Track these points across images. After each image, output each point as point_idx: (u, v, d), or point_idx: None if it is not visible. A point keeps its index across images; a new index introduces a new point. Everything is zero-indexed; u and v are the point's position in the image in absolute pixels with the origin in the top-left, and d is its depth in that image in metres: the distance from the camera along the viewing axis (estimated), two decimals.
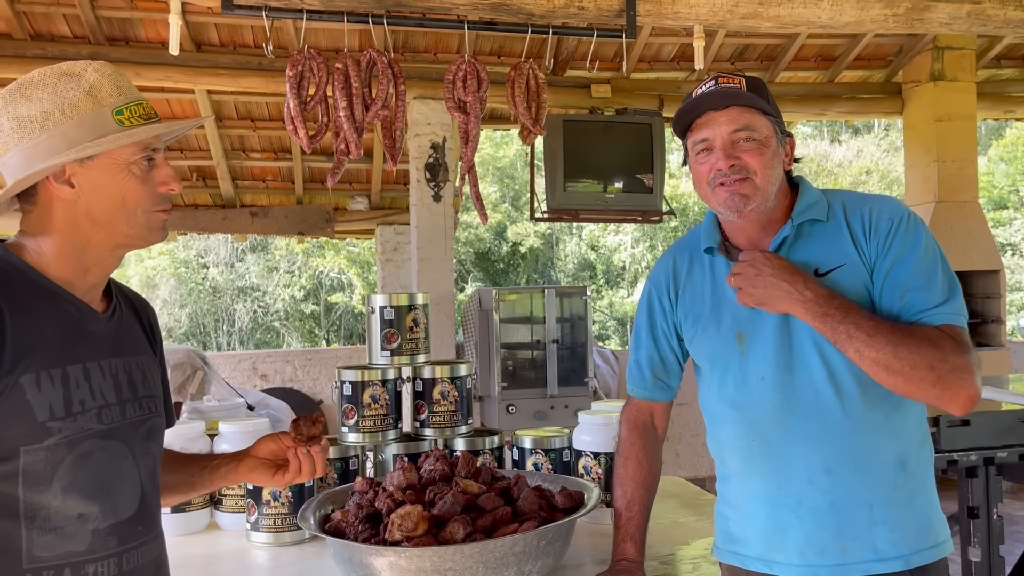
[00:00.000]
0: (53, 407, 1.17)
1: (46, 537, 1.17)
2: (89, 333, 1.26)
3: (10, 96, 1.23)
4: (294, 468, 1.53)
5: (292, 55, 3.27)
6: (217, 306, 19.16)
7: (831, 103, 6.39)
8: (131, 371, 1.33)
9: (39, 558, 1.16)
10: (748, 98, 1.61)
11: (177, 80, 5.51)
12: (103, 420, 1.24)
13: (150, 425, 1.35)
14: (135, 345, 1.38)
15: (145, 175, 1.26)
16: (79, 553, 1.20)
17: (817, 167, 19.36)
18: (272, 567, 2.13)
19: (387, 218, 7.25)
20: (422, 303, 2.52)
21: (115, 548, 1.24)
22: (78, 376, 1.21)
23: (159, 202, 1.29)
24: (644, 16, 3.52)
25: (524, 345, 5.50)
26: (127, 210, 1.25)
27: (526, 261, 19.33)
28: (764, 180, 1.60)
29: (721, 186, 1.61)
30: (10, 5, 5.09)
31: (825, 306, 1.52)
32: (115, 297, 1.36)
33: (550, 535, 1.78)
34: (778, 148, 1.64)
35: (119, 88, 1.26)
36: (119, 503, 1.26)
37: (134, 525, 1.28)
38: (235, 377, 6.82)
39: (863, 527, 1.58)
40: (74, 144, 1.20)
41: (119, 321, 1.35)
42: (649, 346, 1.84)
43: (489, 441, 2.51)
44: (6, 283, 1.19)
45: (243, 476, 1.55)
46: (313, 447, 1.53)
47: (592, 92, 5.83)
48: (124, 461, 1.27)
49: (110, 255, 1.30)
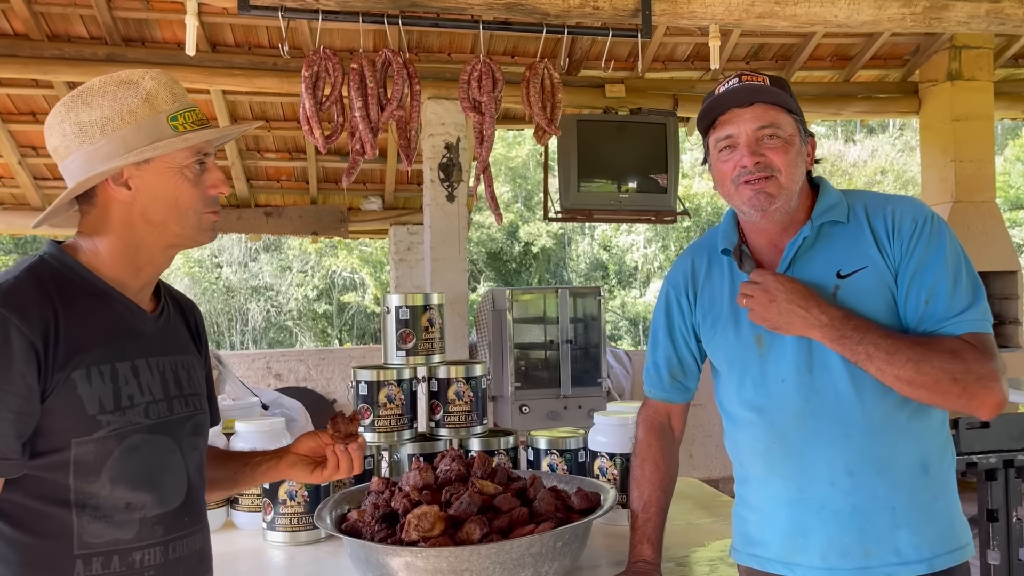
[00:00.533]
0: (103, 401, 1.23)
1: (96, 524, 1.23)
2: (138, 332, 1.32)
3: (72, 103, 1.28)
4: (332, 465, 1.55)
5: (308, 55, 3.28)
6: (231, 305, 19.23)
7: (847, 103, 6.35)
8: (177, 369, 1.38)
9: (89, 544, 1.22)
10: (774, 94, 1.60)
11: (193, 80, 5.54)
12: (150, 415, 1.30)
13: (196, 421, 1.40)
14: (181, 344, 1.43)
15: (197, 178, 1.32)
16: (126, 540, 1.25)
17: (832, 167, 19.24)
18: (288, 566, 2.13)
19: (401, 218, 7.26)
20: (437, 303, 2.52)
21: (161, 537, 1.30)
22: (127, 372, 1.27)
23: (209, 204, 1.35)
24: (659, 16, 3.51)
25: (537, 345, 5.50)
26: (180, 211, 1.31)
27: (538, 261, 19.32)
28: (788, 179, 1.58)
29: (745, 184, 1.59)
30: (28, 6, 5.13)
31: (841, 328, 1.51)
32: (163, 298, 1.42)
33: (567, 536, 1.78)
34: (801, 147, 1.63)
35: (174, 95, 1.32)
36: (165, 494, 1.31)
37: (180, 516, 1.33)
38: (249, 376, 6.84)
39: (886, 530, 1.56)
40: (132, 148, 1.26)
41: (167, 321, 1.40)
42: (667, 347, 1.83)
43: (504, 441, 2.51)
44: (61, 283, 1.25)
45: (284, 472, 1.58)
46: (351, 444, 1.56)
47: (606, 92, 5.82)
48: (171, 455, 1.33)
49: (162, 255, 1.35)
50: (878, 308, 1.56)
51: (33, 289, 1.21)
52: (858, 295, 1.57)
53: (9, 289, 1.19)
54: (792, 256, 1.62)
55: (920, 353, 1.47)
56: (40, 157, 6.64)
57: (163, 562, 1.29)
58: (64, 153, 1.29)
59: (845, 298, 1.57)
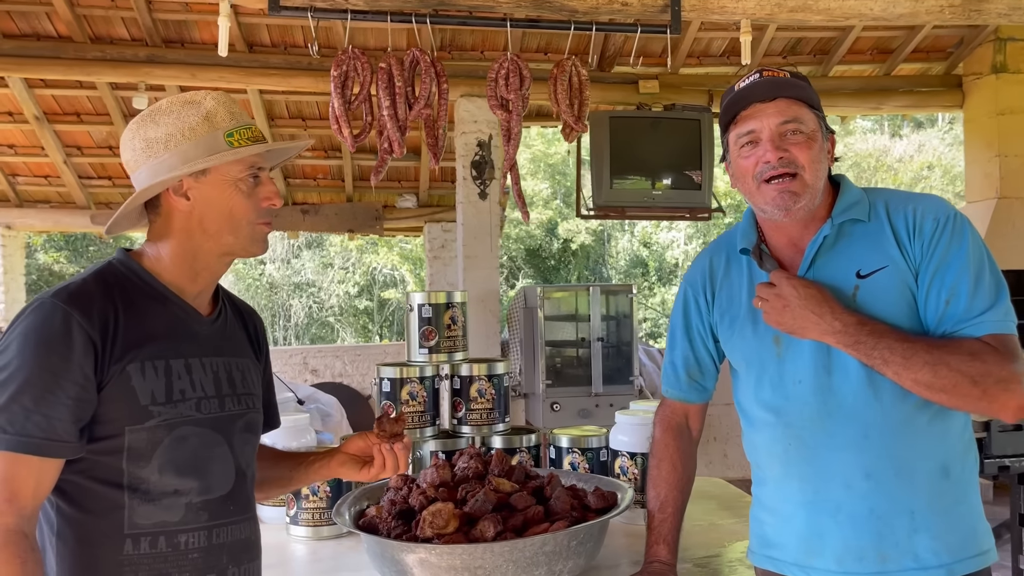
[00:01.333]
0: (155, 393, 1.33)
1: (145, 507, 1.32)
2: (193, 333, 1.42)
3: (142, 121, 1.41)
4: (379, 463, 1.62)
5: (337, 55, 3.31)
6: (274, 301, 19.48)
7: (887, 97, 6.22)
8: (231, 370, 1.47)
9: (138, 525, 1.32)
10: (797, 88, 1.58)
11: (230, 81, 5.62)
12: (201, 410, 1.39)
13: (248, 419, 1.49)
14: (237, 348, 1.52)
15: (251, 191, 1.42)
16: (173, 523, 1.34)
17: (876, 162, 18.88)
18: (310, 560, 2.16)
19: (435, 216, 7.29)
20: (460, 301, 2.53)
21: (205, 522, 1.38)
22: (180, 369, 1.38)
23: (262, 215, 1.44)
24: (689, 11, 3.47)
25: (569, 343, 5.49)
26: (234, 221, 1.41)
27: (577, 258, 19.25)
28: (813, 176, 1.56)
29: (768, 183, 1.56)
30: (71, 9, 5.25)
31: (856, 334, 1.49)
32: (222, 303, 1.52)
33: (581, 535, 1.78)
34: (823, 143, 1.60)
35: (232, 114, 1.42)
36: (211, 483, 1.39)
37: (225, 504, 1.41)
38: (286, 372, 6.93)
39: (904, 534, 1.53)
40: (190, 161, 1.37)
41: (223, 325, 1.51)
42: (684, 347, 1.82)
43: (526, 439, 2.51)
44: (123, 285, 1.37)
45: (334, 471, 1.65)
46: (396, 444, 1.62)
47: (640, 88, 5.78)
48: (219, 448, 1.41)
49: (217, 262, 1.45)
50: (899, 308, 1.54)
51: (97, 290, 1.33)
52: (878, 295, 1.54)
53: (75, 290, 1.32)
54: (813, 255, 1.60)
55: (937, 356, 1.44)
56: (85, 156, 6.80)
57: (207, 546, 1.37)
58: (134, 166, 1.41)
59: (865, 298, 1.55)
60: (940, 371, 1.43)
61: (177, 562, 1.34)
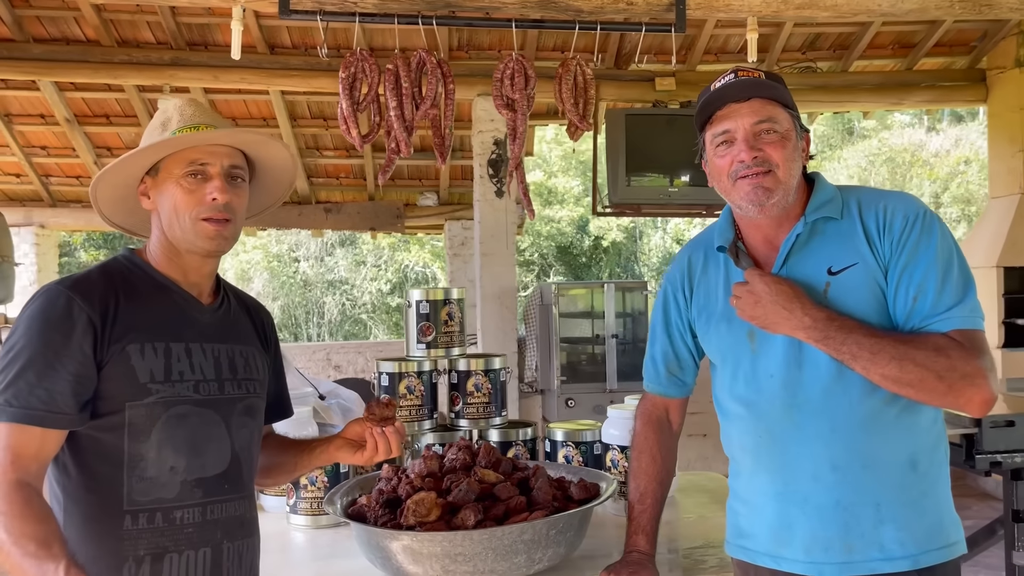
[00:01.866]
0: (154, 372, 1.41)
1: (142, 484, 1.40)
2: (193, 320, 1.50)
3: None
4: (371, 447, 1.69)
5: (345, 57, 3.38)
6: (308, 299, 19.68)
7: (909, 92, 6.16)
8: (233, 356, 1.54)
9: (136, 501, 1.40)
10: (771, 88, 1.61)
11: (252, 82, 5.75)
12: (199, 391, 1.46)
13: (248, 403, 1.55)
14: (240, 336, 1.59)
15: (194, 187, 1.47)
16: (169, 500, 1.42)
17: (912, 157, 18.58)
18: (309, 547, 2.24)
19: (455, 213, 7.36)
20: (457, 298, 2.59)
21: (200, 499, 1.45)
22: (180, 352, 1.46)
23: (206, 210, 1.46)
24: (694, 10, 3.50)
25: (584, 340, 5.52)
26: (178, 217, 1.47)
27: (608, 255, 19.21)
28: (786, 174, 1.59)
29: (743, 179, 1.59)
30: (98, 14, 5.40)
31: (825, 330, 1.52)
32: (223, 294, 1.60)
33: (560, 524, 1.82)
34: (798, 142, 1.63)
35: (183, 116, 1.50)
36: (206, 461, 1.46)
37: (220, 483, 1.48)
38: (310, 367, 7.05)
39: (869, 526, 1.56)
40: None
41: (225, 314, 1.58)
42: (664, 342, 1.86)
43: (522, 433, 2.56)
44: (126, 277, 1.48)
45: (333, 455, 1.72)
46: (387, 428, 1.69)
47: (656, 85, 5.79)
48: (216, 428, 1.48)
49: (190, 258, 1.51)
50: (868, 305, 1.56)
51: (100, 279, 1.44)
52: (848, 291, 1.57)
53: (78, 278, 1.43)
54: (787, 252, 1.63)
55: (903, 351, 1.47)
56: (114, 157, 6.93)
57: (201, 521, 1.45)
58: None
59: (836, 294, 1.58)
60: (906, 366, 1.46)
61: (173, 536, 1.41)
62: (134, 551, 1.39)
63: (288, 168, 1.64)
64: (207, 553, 1.45)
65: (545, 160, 18.79)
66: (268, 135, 1.59)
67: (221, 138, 1.49)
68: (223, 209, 1.47)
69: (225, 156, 1.49)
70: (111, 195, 1.55)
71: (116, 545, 1.38)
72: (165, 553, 1.41)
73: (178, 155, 1.47)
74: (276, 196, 1.70)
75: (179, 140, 1.46)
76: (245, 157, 1.56)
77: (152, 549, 1.40)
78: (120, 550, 1.38)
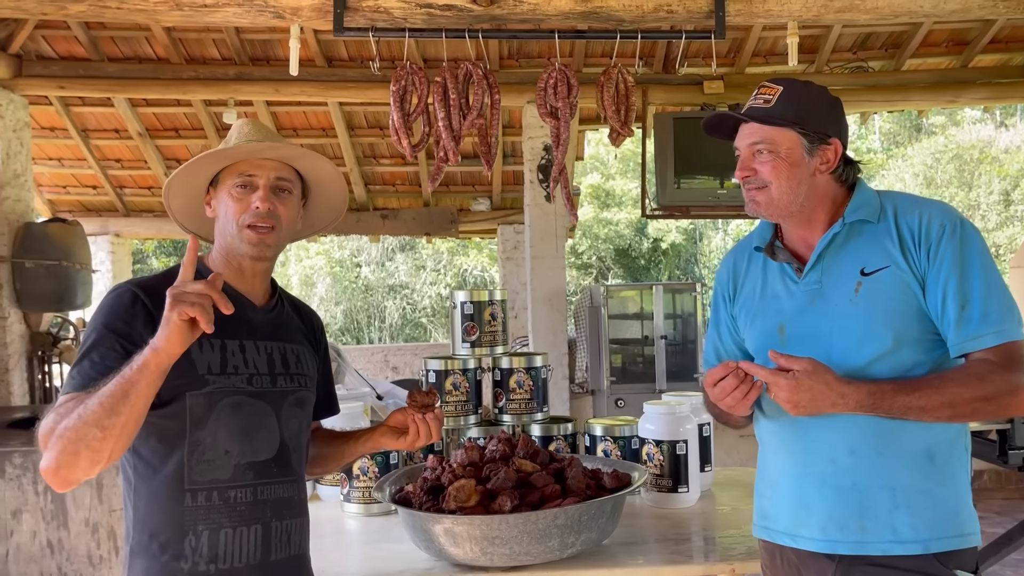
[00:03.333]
0: (211, 365, 1.57)
1: (201, 466, 1.55)
2: (248, 319, 1.65)
3: None
4: (413, 432, 1.81)
5: (395, 71, 3.54)
6: (369, 303, 20.01)
7: (964, 89, 6.07)
8: (286, 353, 1.69)
9: (196, 481, 1.55)
10: (769, 113, 1.72)
11: (311, 94, 5.98)
12: (253, 384, 1.61)
13: (299, 396, 1.69)
14: (292, 335, 1.74)
15: (242, 196, 1.63)
16: (224, 480, 1.56)
17: (980, 154, 18.07)
18: (362, 532, 2.40)
19: (507, 218, 7.51)
20: (500, 299, 2.72)
21: (251, 480, 1.59)
22: (235, 348, 1.60)
23: (251, 218, 1.61)
24: (734, 16, 3.56)
25: (633, 341, 5.60)
26: (228, 224, 1.63)
27: (668, 257, 19.12)
28: (779, 191, 1.71)
29: (745, 191, 1.77)
30: (167, 33, 5.70)
31: (871, 402, 1.59)
32: (278, 297, 1.75)
33: (592, 511, 1.94)
34: (804, 158, 1.72)
35: (243, 134, 1.67)
36: (257, 447, 1.60)
37: (269, 467, 1.62)
38: (368, 368, 7.27)
39: (883, 509, 1.64)
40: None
41: (278, 315, 1.73)
42: (715, 340, 1.98)
43: (562, 428, 2.68)
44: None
45: (377, 442, 1.85)
46: (428, 414, 1.81)
47: (704, 89, 5.84)
48: (268, 419, 1.62)
49: (244, 262, 1.66)
50: (895, 305, 1.65)
51: (163, 281, 1.55)
52: (878, 292, 1.66)
53: (144, 279, 1.61)
54: (820, 252, 1.73)
55: (952, 394, 1.57)
56: None
57: (252, 500, 1.59)
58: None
59: (866, 293, 1.67)
60: (959, 408, 1.58)
61: (228, 513, 1.56)
62: (194, 525, 1.54)
63: (335, 181, 1.78)
64: (258, 530, 1.59)
65: (603, 163, 18.81)
66: (309, 150, 1.73)
67: (262, 151, 1.64)
68: (267, 216, 1.61)
69: (272, 169, 1.65)
70: (183, 204, 1.74)
71: (179, 520, 1.53)
72: (220, 528, 1.55)
73: (232, 168, 1.64)
74: (335, 208, 1.85)
75: (224, 152, 1.63)
76: (298, 173, 1.71)
77: (209, 524, 1.54)
78: (183, 524, 1.53)
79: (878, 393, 1.58)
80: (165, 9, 3.43)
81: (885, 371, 1.65)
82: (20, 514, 3.70)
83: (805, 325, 1.74)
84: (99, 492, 3.71)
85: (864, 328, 1.67)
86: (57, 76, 5.83)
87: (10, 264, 5.58)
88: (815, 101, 1.76)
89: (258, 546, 1.59)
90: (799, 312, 1.76)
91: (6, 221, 5.60)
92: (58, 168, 7.35)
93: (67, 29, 5.68)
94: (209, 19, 3.50)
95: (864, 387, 1.59)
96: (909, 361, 1.66)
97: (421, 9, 3.44)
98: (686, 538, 2.24)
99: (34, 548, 3.70)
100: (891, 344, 1.65)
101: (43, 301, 5.74)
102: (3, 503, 3.69)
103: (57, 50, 5.91)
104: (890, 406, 1.58)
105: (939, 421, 1.60)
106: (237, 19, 3.50)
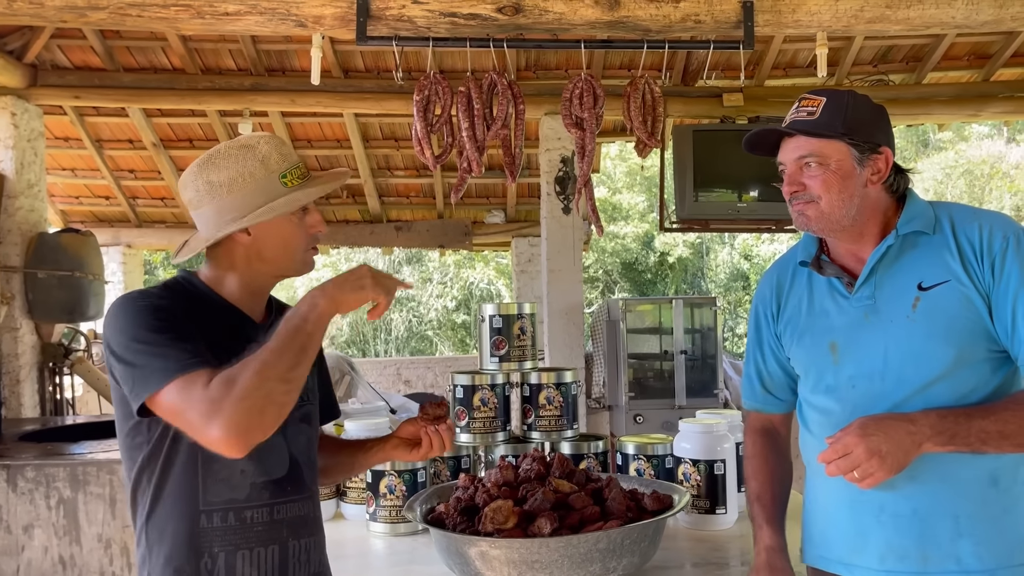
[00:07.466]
0: None
1: (217, 486, 1.51)
2: (249, 338, 1.57)
3: (204, 165, 1.58)
4: (425, 444, 1.80)
5: (419, 81, 3.49)
6: None
7: (986, 103, 6.01)
8: None
9: (211, 502, 1.51)
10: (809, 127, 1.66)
11: (327, 105, 5.94)
12: None
13: (303, 411, 1.65)
14: None
15: (301, 221, 1.61)
16: (240, 500, 1.53)
17: (991, 169, 18.01)
18: (388, 553, 2.32)
19: (522, 230, 7.46)
20: (529, 313, 2.65)
21: (267, 500, 1.56)
22: None
23: (311, 242, 1.64)
24: (763, 26, 3.51)
25: (652, 356, 5.52)
26: (288, 250, 1.61)
27: (674, 271, 19.06)
28: (829, 204, 1.65)
29: (792, 206, 1.71)
30: (183, 43, 5.67)
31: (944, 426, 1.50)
32: (274, 312, 1.70)
33: (635, 534, 1.86)
34: (855, 169, 1.66)
35: (283, 155, 1.60)
36: (269, 466, 1.57)
37: (283, 485, 1.59)
38: (381, 382, 7.20)
39: (946, 538, 1.57)
40: (253, 207, 1.55)
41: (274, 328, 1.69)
42: (758, 360, 1.90)
43: (593, 446, 2.60)
44: (189, 296, 1.58)
45: (388, 453, 1.84)
46: (440, 426, 1.79)
47: (724, 101, 5.78)
48: (274, 437, 1.54)
49: (271, 281, 1.67)
50: (958, 324, 1.58)
51: (164, 293, 1.56)
52: (938, 308, 1.59)
53: (149, 290, 1.58)
54: (873, 265, 1.66)
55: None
56: None
57: (269, 520, 1.55)
58: (197, 205, 1.59)
59: (925, 310, 1.60)
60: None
61: (244, 534, 1.52)
62: (209, 548, 1.49)
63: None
64: (275, 550, 1.56)
65: (610, 177, 18.78)
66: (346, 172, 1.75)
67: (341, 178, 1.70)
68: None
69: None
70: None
71: (194, 543, 1.49)
72: (237, 550, 1.51)
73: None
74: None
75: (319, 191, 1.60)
76: None
77: (225, 546, 1.51)
78: (198, 546, 1.49)
79: (950, 417, 1.50)
80: (186, 17, 3.39)
81: (943, 393, 1.57)
82: (32, 529, 3.62)
83: (859, 342, 1.67)
84: (112, 508, 3.64)
85: (923, 346, 1.59)
86: (72, 86, 5.80)
87: (22, 274, 5.54)
88: (862, 110, 1.70)
89: (276, 567, 1.56)
90: (851, 329, 1.68)
91: (19, 231, 5.55)
92: (71, 178, 7.32)
93: (83, 39, 5.66)
94: (231, 28, 3.45)
95: (932, 411, 1.52)
96: (969, 383, 1.59)
97: (445, 18, 3.39)
98: (725, 562, 2.16)
99: (46, 564, 3.63)
100: (952, 364, 1.58)
101: (55, 312, 5.69)
102: (15, 517, 3.62)
103: (72, 60, 5.89)
104: (967, 431, 1.49)
105: (1013, 449, 1.51)
106: (259, 28, 3.45)
